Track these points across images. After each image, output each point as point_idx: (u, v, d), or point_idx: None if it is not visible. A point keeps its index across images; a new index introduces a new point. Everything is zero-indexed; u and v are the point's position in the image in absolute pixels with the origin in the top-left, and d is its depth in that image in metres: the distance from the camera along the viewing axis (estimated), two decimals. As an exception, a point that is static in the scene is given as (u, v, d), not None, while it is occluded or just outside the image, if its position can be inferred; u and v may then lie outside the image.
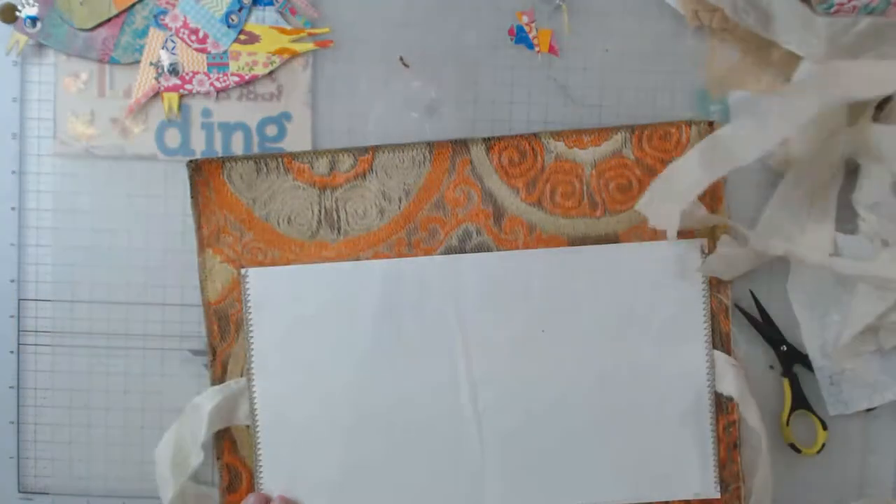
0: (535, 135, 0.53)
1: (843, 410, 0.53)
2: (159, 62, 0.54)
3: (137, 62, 0.54)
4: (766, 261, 0.53)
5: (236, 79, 0.54)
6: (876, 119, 0.51)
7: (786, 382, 0.54)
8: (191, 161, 0.53)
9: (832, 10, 0.50)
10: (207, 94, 0.54)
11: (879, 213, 0.51)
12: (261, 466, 0.53)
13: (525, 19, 0.54)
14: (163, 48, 0.54)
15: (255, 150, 0.54)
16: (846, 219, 0.53)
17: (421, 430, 0.53)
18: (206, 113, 0.55)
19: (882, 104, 0.51)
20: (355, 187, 0.53)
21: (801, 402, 0.54)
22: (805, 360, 0.53)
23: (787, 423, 0.54)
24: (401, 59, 0.54)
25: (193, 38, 0.54)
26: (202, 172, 0.53)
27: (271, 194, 0.54)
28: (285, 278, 0.53)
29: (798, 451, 0.54)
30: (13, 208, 0.55)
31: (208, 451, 0.53)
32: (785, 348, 0.54)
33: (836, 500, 0.55)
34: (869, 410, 0.54)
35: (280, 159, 0.53)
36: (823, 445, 0.54)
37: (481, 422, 0.53)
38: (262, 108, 0.55)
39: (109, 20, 0.53)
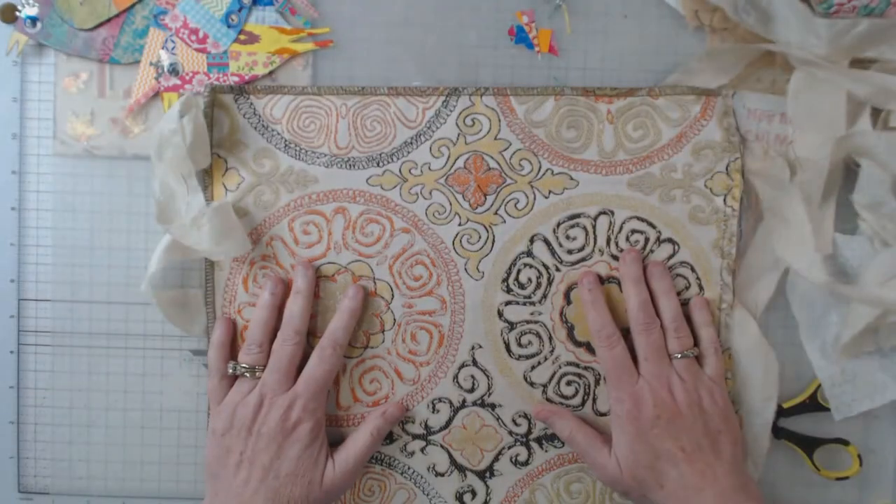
0: None
1: (846, 413, 0.53)
2: (159, 62, 0.54)
3: (137, 62, 0.54)
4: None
5: (236, 79, 0.54)
6: (874, 118, 0.52)
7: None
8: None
9: (832, 10, 0.50)
10: (207, 94, 0.54)
11: (879, 213, 0.51)
12: None
13: (525, 19, 0.54)
14: (163, 48, 0.54)
15: (255, 150, 0.55)
16: (846, 219, 0.53)
17: None
18: (206, 113, 0.55)
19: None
20: None
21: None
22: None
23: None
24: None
25: (193, 38, 0.54)
26: None
27: None
28: None
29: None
30: (13, 208, 0.55)
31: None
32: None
33: (835, 500, 0.55)
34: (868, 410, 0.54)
35: None
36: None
37: None
38: (262, 108, 0.55)
39: (109, 20, 0.53)
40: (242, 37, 0.54)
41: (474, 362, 0.54)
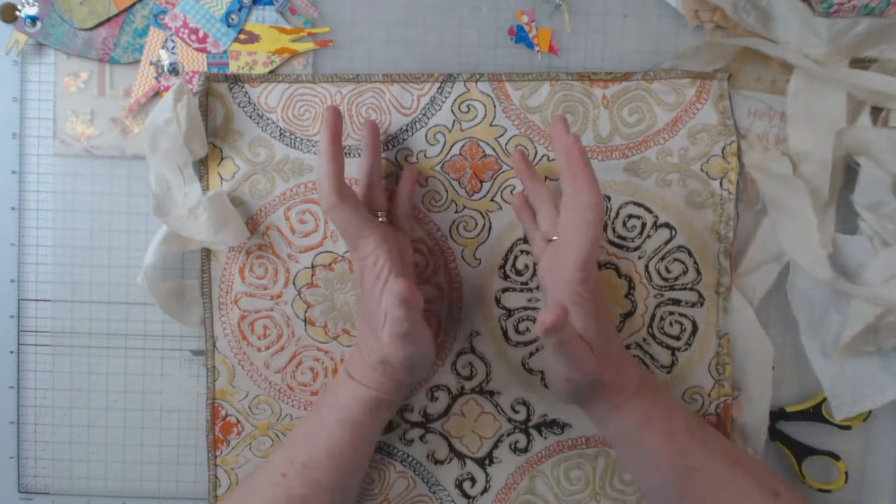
0: None
1: (847, 413, 0.53)
2: (159, 62, 0.54)
3: (137, 62, 0.54)
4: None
5: (236, 79, 0.54)
6: (874, 117, 0.52)
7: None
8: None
9: (832, 10, 0.50)
10: (207, 93, 0.54)
11: (879, 213, 0.51)
12: None
13: (525, 19, 0.54)
14: (163, 48, 0.54)
15: (255, 149, 0.55)
16: (846, 219, 0.53)
17: None
18: (206, 113, 0.55)
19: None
20: None
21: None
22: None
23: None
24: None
25: (193, 37, 0.54)
26: None
27: None
28: None
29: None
30: (13, 208, 0.55)
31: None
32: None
33: (835, 499, 0.55)
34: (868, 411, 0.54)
35: None
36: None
37: None
38: (262, 108, 0.55)
39: (109, 20, 0.53)
40: (242, 36, 0.54)
41: (472, 349, 0.54)
